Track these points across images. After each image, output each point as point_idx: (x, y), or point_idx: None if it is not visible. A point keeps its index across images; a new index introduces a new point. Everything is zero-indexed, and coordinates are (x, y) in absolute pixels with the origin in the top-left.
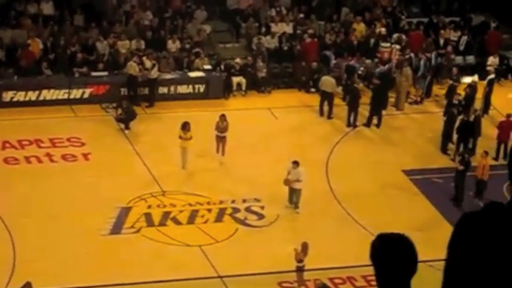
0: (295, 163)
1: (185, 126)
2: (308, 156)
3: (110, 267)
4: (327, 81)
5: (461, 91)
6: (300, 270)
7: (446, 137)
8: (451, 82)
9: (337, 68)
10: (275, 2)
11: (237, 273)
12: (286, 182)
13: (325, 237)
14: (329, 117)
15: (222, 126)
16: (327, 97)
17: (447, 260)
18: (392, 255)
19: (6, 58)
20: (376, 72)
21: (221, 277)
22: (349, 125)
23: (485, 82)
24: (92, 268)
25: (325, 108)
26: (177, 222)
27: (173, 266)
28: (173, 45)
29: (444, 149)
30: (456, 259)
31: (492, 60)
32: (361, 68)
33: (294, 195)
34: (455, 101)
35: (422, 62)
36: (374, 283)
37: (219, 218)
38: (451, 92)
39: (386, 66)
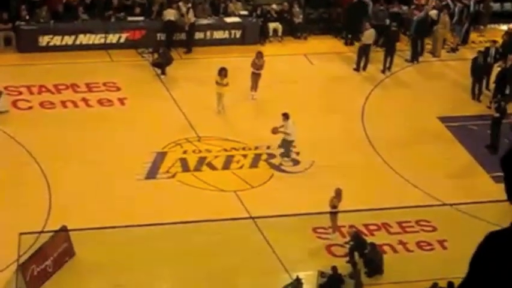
0: (285, 115)
1: (222, 72)
2: (344, 103)
3: (145, 211)
4: (371, 34)
5: (499, 38)
6: (334, 214)
7: (475, 84)
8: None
9: (382, 14)
10: None
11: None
12: (274, 130)
13: (361, 185)
14: (364, 69)
15: (258, 64)
16: (366, 49)
17: (468, 277)
18: None
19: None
20: (414, 21)
21: (253, 218)
22: (384, 70)
23: None
24: (127, 212)
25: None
26: (212, 167)
27: (208, 211)
28: None
29: (474, 96)
30: (478, 277)
31: None
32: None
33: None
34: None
35: (457, 9)
36: (409, 229)
37: (254, 164)
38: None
39: (422, 13)
